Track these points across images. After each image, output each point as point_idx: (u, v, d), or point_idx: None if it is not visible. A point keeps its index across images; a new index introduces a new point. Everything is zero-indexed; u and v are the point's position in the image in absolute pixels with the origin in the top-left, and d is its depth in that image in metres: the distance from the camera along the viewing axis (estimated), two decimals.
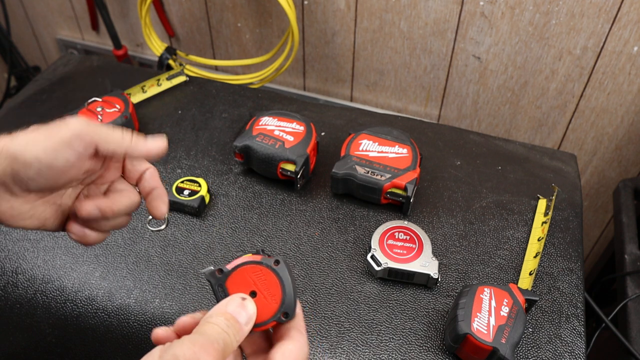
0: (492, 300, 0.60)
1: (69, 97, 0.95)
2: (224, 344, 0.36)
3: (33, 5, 1.43)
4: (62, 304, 0.67)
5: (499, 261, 0.72)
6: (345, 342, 0.63)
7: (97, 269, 0.69)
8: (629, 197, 0.94)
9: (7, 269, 0.70)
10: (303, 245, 0.73)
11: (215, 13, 1.20)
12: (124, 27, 1.34)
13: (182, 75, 1.00)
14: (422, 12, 1.02)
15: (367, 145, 0.78)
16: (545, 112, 1.08)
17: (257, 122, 0.80)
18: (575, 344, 0.64)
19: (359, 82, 1.18)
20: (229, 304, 0.39)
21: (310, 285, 0.68)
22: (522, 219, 0.77)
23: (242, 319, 0.39)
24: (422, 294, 0.68)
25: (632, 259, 0.85)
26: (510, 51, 1.01)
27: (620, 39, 0.93)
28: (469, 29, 1.01)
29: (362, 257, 0.71)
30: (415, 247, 0.69)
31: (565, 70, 1.00)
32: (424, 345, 0.63)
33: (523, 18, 0.96)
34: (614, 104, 1.02)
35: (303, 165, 0.76)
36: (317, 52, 1.16)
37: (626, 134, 1.05)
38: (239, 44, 1.24)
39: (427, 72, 1.11)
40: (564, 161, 0.87)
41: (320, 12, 1.09)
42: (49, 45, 1.53)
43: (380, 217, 0.76)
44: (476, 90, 1.10)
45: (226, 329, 0.37)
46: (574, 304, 0.68)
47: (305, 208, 0.78)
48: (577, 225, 0.77)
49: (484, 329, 0.58)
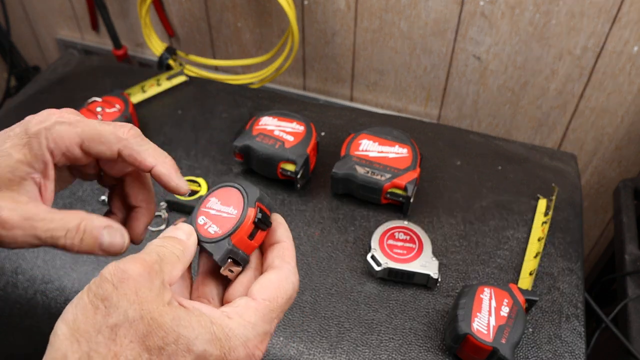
0: (492, 300, 0.60)
1: (69, 97, 0.95)
2: (158, 255, 0.33)
3: (33, 5, 1.42)
4: (62, 304, 0.67)
5: (499, 261, 0.72)
6: (345, 342, 0.63)
7: (97, 269, 0.69)
8: (629, 197, 0.94)
9: (7, 269, 0.70)
10: (303, 245, 0.73)
11: (215, 13, 1.20)
12: (124, 27, 1.34)
13: (182, 75, 1.00)
14: (422, 12, 1.02)
15: (367, 145, 0.78)
16: (546, 112, 1.08)
17: (257, 122, 0.80)
18: (575, 344, 0.64)
19: (359, 82, 1.18)
20: (164, 232, 0.37)
21: (310, 285, 0.68)
22: (522, 219, 0.77)
23: (179, 235, 0.37)
24: (422, 294, 0.68)
25: (632, 259, 0.85)
26: (510, 51, 1.01)
27: (621, 39, 0.93)
28: (469, 29, 1.01)
29: (362, 257, 0.71)
30: (415, 247, 0.69)
31: (565, 70, 1.00)
32: (424, 345, 0.63)
33: (523, 18, 0.96)
34: (614, 104, 1.02)
35: (303, 165, 0.76)
36: (317, 52, 1.16)
37: (626, 134, 1.05)
38: (239, 44, 1.24)
39: (427, 72, 1.11)
40: (564, 161, 0.87)
41: (320, 12, 1.09)
42: (49, 45, 1.53)
43: (380, 217, 0.76)
44: (476, 90, 1.10)
45: (160, 243, 0.35)
46: (574, 304, 0.68)
47: (305, 208, 0.78)
48: (577, 225, 0.77)
49: (484, 329, 0.58)
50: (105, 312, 0.30)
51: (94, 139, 0.38)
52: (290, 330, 0.64)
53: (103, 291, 0.30)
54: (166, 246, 0.35)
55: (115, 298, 0.30)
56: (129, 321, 0.30)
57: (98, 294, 0.30)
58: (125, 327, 0.29)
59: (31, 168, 0.36)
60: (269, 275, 0.37)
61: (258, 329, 0.34)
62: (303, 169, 0.76)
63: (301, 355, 0.62)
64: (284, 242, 0.40)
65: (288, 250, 0.39)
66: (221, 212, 0.39)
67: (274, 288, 0.36)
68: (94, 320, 0.29)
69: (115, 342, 0.29)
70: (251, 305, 0.35)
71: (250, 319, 0.34)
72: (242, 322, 0.34)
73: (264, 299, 0.35)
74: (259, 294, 0.36)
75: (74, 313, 0.30)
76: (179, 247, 0.36)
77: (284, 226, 0.41)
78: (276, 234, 0.40)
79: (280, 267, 0.38)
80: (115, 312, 0.30)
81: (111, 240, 0.36)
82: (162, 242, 0.36)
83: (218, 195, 0.40)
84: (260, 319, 0.34)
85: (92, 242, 0.36)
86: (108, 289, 0.30)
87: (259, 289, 0.36)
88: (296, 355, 0.62)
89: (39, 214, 0.35)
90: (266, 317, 0.35)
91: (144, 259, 0.32)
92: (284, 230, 0.40)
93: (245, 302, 0.35)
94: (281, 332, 0.63)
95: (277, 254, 0.39)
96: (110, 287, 0.30)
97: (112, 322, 0.29)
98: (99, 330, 0.29)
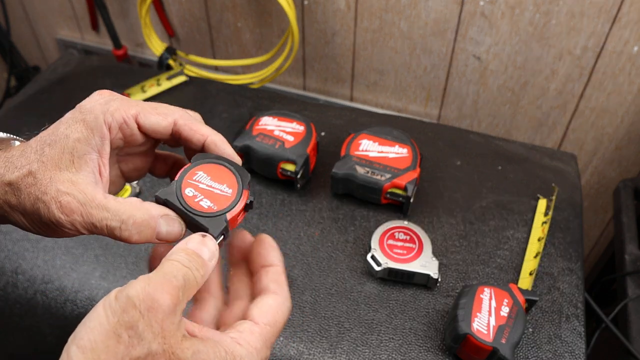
0: (492, 300, 0.60)
1: (69, 97, 0.94)
2: (184, 280, 0.32)
3: (33, 5, 1.42)
4: (62, 304, 0.67)
5: (499, 261, 0.72)
6: (345, 342, 0.63)
7: (97, 269, 0.69)
8: (629, 197, 0.94)
9: (7, 269, 0.70)
10: (303, 245, 0.73)
11: (215, 13, 1.20)
12: (124, 27, 1.34)
13: (182, 75, 1.00)
14: (422, 12, 1.02)
15: (367, 145, 0.78)
16: (546, 112, 1.08)
17: (257, 122, 0.80)
18: (575, 344, 0.64)
19: (359, 82, 1.18)
20: (189, 242, 0.35)
21: (310, 285, 0.68)
22: (522, 219, 0.77)
23: (204, 254, 0.35)
24: (422, 294, 0.68)
25: (632, 259, 0.84)
26: (510, 51, 1.01)
27: (621, 39, 0.93)
28: (469, 29, 1.01)
29: (362, 257, 0.71)
30: (415, 247, 0.69)
31: (565, 70, 1.00)
32: (424, 345, 0.63)
33: (523, 18, 0.96)
34: (614, 104, 1.02)
35: (303, 165, 0.76)
36: (317, 52, 1.16)
37: (626, 134, 1.05)
38: (239, 44, 1.24)
39: (427, 72, 1.11)
40: (564, 161, 0.87)
41: (320, 12, 1.09)
42: (49, 45, 1.53)
43: (380, 217, 0.76)
44: (476, 90, 1.10)
45: (187, 263, 0.33)
46: (574, 304, 0.68)
47: (305, 208, 0.78)
48: (577, 225, 0.77)
49: (484, 329, 0.58)
50: (129, 342, 0.28)
51: (150, 110, 0.38)
52: (290, 330, 0.64)
53: (129, 319, 0.28)
54: (191, 268, 0.33)
55: (141, 328, 0.28)
56: (152, 355, 0.29)
57: (123, 322, 0.28)
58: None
59: (89, 146, 0.36)
60: (267, 300, 0.37)
61: (262, 355, 0.35)
62: (303, 169, 0.76)
63: (301, 355, 0.62)
64: (278, 267, 0.40)
65: (282, 275, 0.39)
66: (213, 187, 0.38)
67: (273, 313, 0.37)
68: (116, 351, 0.28)
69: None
70: (255, 330, 0.35)
71: (256, 345, 0.34)
72: (249, 349, 0.34)
73: (266, 324, 0.36)
74: (261, 319, 0.36)
75: (92, 340, 0.28)
76: (202, 271, 0.34)
77: (276, 249, 0.41)
78: (269, 256, 0.40)
79: (277, 292, 0.38)
80: (140, 345, 0.28)
81: (169, 229, 0.36)
82: (189, 261, 0.33)
83: (206, 170, 0.39)
84: (263, 344, 0.35)
85: (150, 232, 0.35)
86: (135, 317, 0.28)
87: (259, 313, 0.36)
88: (296, 355, 0.62)
89: (95, 199, 0.34)
90: (267, 342, 0.36)
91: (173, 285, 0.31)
92: (277, 253, 0.40)
93: (250, 327, 0.35)
94: (281, 332, 0.63)
95: (272, 278, 0.39)
96: (137, 315, 0.29)
97: (135, 355, 0.28)
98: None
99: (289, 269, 0.70)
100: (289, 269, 0.70)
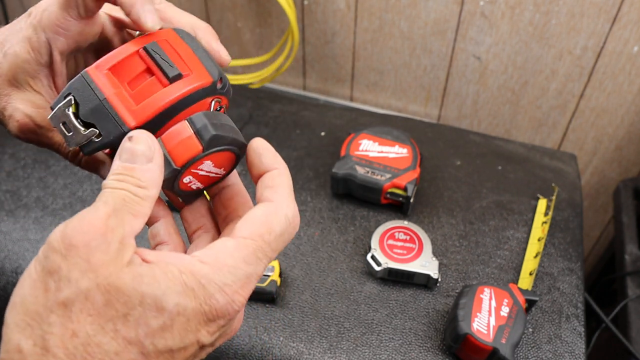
0: (492, 300, 0.60)
1: None
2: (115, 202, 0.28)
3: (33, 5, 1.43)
4: None
5: (499, 261, 0.72)
6: (345, 342, 0.63)
7: None
8: (629, 197, 0.94)
9: (7, 269, 0.70)
10: (303, 245, 0.73)
11: (215, 13, 1.20)
12: None
13: None
14: (422, 12, 1.02)
15: (367, 145, 0.78)
16: (546, 112, 1.08)
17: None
18: (575, 344, 0.64)
19: (359, 82, 1.18)
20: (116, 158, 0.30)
21: (310, 285, 0.68)
22: (522, 219, 0.77)
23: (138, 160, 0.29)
24: (422, 294, 0.68)
25: (632, 259, 0.85)
26: (510, 51, 1.01)
27: (621, 39, 0.93)
28: (469, 29, 1.01)
29: (362, 257, 0.71)
30: (415, 247, 0.69)
31: (565, 70, 1.00)
32: (424, 345, 0.63)
33: (523, 18, 0.96)
34: (614, 104, 1.02)
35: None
36: (317, 52, 1.16)
37: (626, 134, 1.05)
38: (239, 44, 1.24)
39: (427, 72, 1.11)
40: (564, 161, 0.87)
41: (320, 12, 1.09)
42: None
43: (380, 217, 0.76)
44: (476, 90, 1.10)
45: (116, 184, 0.29)
46: (574, 304, 0.68)
47: (305, 208, 0.78)
48: (577, 225, 0.77)
49: (484, 329, 0.58)
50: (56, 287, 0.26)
51: None
52: (290, 330, 0.64)
53: (51, 263, 0.26)
54: (123, 187, 0.29)
55: (66, 269, 0.26)
56: (83, 293, 0.26)
57: (47, 268, 0.26)
58: (79, 301, 0.26)
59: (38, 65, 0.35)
60: (254, 211, 0.31)
61: (238, 272, 0.29)
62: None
63: (301, 355, 0.62)
64: (274, 171, 0.33)
65: (278, 178, 0.33)
66: (210, 172, 0.35)
67: (259, 224, 0.31)
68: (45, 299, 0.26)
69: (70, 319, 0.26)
70: (228, 245, 0.30)
71: (227, 261, 0.29)
72: (217, 266, 0.29)
73: (245, 237, 0.30)
74: (239, 232, 0.30)
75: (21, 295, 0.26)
76: (141, 179, 0.29)
77: (271, 151, 0.34)
78: (262, 161, 0.33)
79: (270, 198, 0.32)
80: (67, 287, 0.26)
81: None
82: (117, 181, 0.29)
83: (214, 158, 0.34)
84: (240, 260, 0.29)
85: None
86: (56, 260, 0.26)
87: (240, 226, 0.31)
88: (296, 355, 0.62)
89: None
90: (249, 258, 0.30)
91: (98, 215, 0.27)
92: (272, 155, 0.34)
93: (222, 242, 0.30)
94: (281, 332, 0.63)
95: (265, 184, 0.33)
96: (59, 258, 0.26)
97: (63, 298, 0.26)
98: (51, 309, 0.26)
99: (289, 269, 0.70)
100: (289, 269, 0.70)
